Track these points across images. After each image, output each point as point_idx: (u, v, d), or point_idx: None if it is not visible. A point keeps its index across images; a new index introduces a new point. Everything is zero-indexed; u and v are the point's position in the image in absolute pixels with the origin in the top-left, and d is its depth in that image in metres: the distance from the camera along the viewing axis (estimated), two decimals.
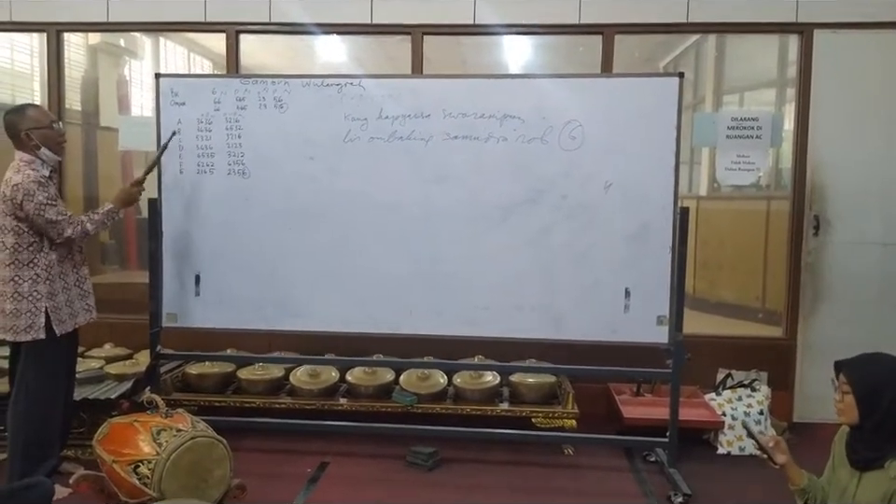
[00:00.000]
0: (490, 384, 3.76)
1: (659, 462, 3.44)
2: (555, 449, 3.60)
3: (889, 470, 1.92)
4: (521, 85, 3.35)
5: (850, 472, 2.05)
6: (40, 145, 2.90)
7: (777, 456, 2.18)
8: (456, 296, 3.37)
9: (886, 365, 2.03)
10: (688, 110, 4.34)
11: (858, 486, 2.00)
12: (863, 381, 2.01)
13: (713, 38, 4.44)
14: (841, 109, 3.98)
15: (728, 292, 4.53)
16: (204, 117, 3.41)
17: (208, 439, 2.61)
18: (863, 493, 1.98)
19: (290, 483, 3.19)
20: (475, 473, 3.36)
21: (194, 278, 3.47)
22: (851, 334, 3.89)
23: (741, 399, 3.74)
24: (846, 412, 2.04)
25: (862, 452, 2.01)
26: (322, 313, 3.44)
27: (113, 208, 3.06)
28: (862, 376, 2.02)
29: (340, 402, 3.73)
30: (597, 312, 3.31)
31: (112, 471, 2.54)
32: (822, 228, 4.04)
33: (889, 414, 1.95)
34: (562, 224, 3.30)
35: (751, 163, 3.93)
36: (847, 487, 2.04)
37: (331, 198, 3.39)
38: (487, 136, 3.30)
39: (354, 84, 3.35)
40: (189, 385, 3.89)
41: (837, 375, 2.09)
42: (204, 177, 3.43)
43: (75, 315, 3.01)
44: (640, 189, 3.24)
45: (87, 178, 4.78)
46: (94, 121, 4.83)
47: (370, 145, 3.35)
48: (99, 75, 4.81)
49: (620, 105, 3.24)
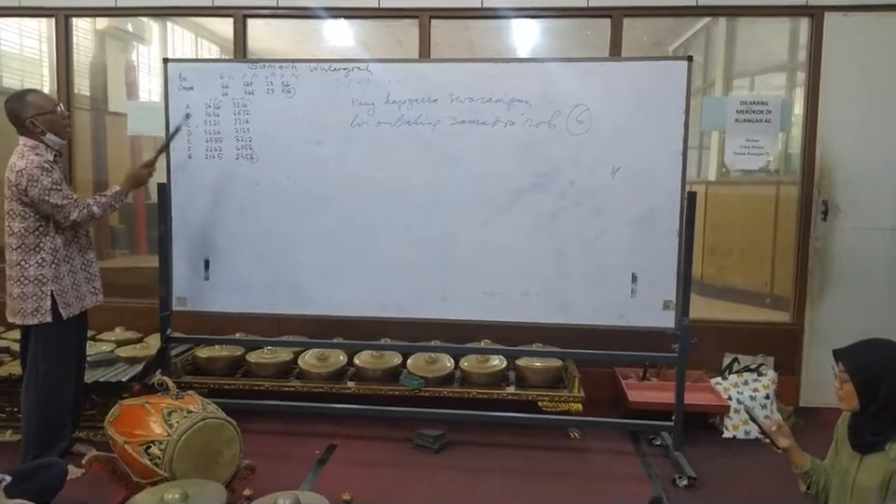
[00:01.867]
0: (497, 367, 3.78)
1: (664, 446, 3.46)
2: (561, 432, 3.62)
3: (890, 452, 1.94)
4: (528, 69, 3.34)
5: (851, 455, 2.07)
6: (46, 130, 2.91)
7: (779, 440, 2.19)
8: (464, 280, 3.39)
9: (883, 351, 2.04)
10: (698, 94, 4.31)
11: (858, 469, 2.03)
12: (862, 368, 2.02)
13: (723, 21, 4.40)
14: (851, 93, 3.94)
15: (736, 277, 4.52)
16: (212, 101, 3.42)
17: (218, 420, 2.65)
18: (863, 475, 2.01)
19: (299, 464, 3.23)
20: (482, 456, 3.38)
21: (203, 262, 3.50)
22: (859, 319, 3.88)
23: (747, 383, 3.75)
24: (846, 399, 2.06)
25: (864, 435, 2.02)
26: (330, 297, 3.46)
27: (121, 190, 3.08)
28: (861, 364, 2.03)
29: (348, 385, 3.77)
30: (604, 296, 3.31)
31: (124, 452, 2.58)
32: (831, 213, 4.02)
33: (888, 400, 1.97)
34: (569, 209, 3.29)
35: (760, 148, 3.91)
36: (848, 470, 2.06)
37: (339, 182, 3.40)
38: (495, 121, 3.30)
39: (361, 68, 3.34)
40: (199, 368, 3.92)
41: (836, 363, 2.10)
42: (213, 162, 3.44)
43: (81, 298, 3.04)
44: (648, 173, 3.23)
45: (96, 163, 4.80)
46: (103, 106, 4.85)
47: (377, 129, 3.35)
48: (107, 60, 4.83)
49: (628, 89, 3.23)
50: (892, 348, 2.04)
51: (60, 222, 2.91)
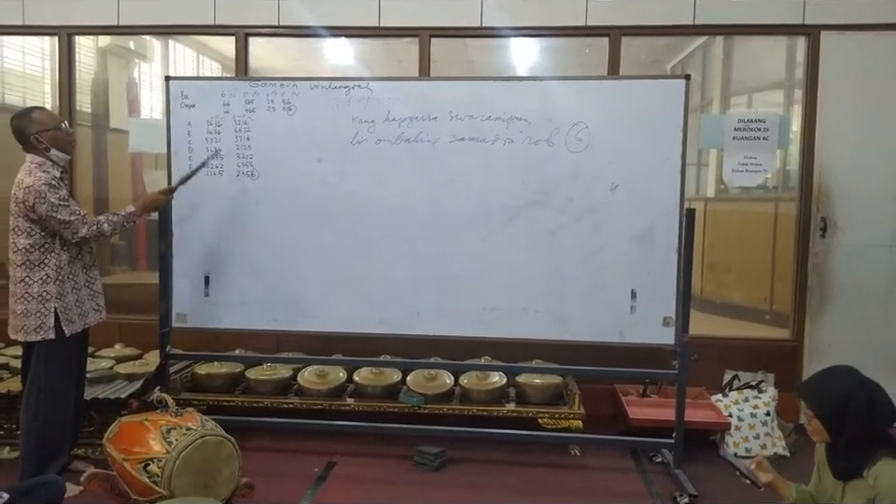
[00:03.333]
0: (496, 384, 3.77)
1: (665, 463, 3.44)
2: (562, 449, 3.61)
3: (868, 479, 1.94)
4: (527, 87, 3.37)
5: (834, 483, 2.08)
6: (50, 147, 2.93)
7: (760, 478, 2.20)
8: (463, 297, 3.39)
9: (842, 381, 2.04)
10: (695, 112, 4.34)
11: (843, 495, 2.04)
12: (824, 403, 2.02)
13: (720, 40, 4.45)
14: (848, 110, 3.97)
15: (736, 294, 4.53)
16: (214, 119, 3.44)
17: (217, 437, 2.64)
18: (849, 500, 2.02)
19: (298, 482, 3.21)
20: (482, 473, 3.37)
21: (204, 279, 3.50)
22: (858, 336, 3.89)
23: (748, 400, 3.74)
24: (816, 433, 2.07)
25: (841, 464, 2.03)
26: (330, 313, 3.47)
27: (134, 212, 3.09)
28: (821, 398, 2.03)
29: (347, 402, 3.75)
30: (604, 313, 3.31)
31: (122, 469, 2.57)
32: (829, 230, 4.03)
33: (856, 428, 1.96)
34: (568, 226, 3.31)
35: (758, 165, 3.93)
36: (834, 495, 2.07)
37: (340, 199, 3.42)
38: (494, 138, 3.32)
39: (361, 86, 3.37)
40: (198, 384, 3.91)
41: (799, 400, 2.09)
42: (214, 179, 3.45)
43: (84, 315, 3.05)
44: (647, 190, 3.25)
45: (97, 180, 4.83)
46: (104, 123, 4.88)
47: (377, 147, 3.37)
48: (109, 77, 4.87)
49: (626, 107, 3.25)
50: (850, 376, 2.04)
51: (67, 238, 2.92)
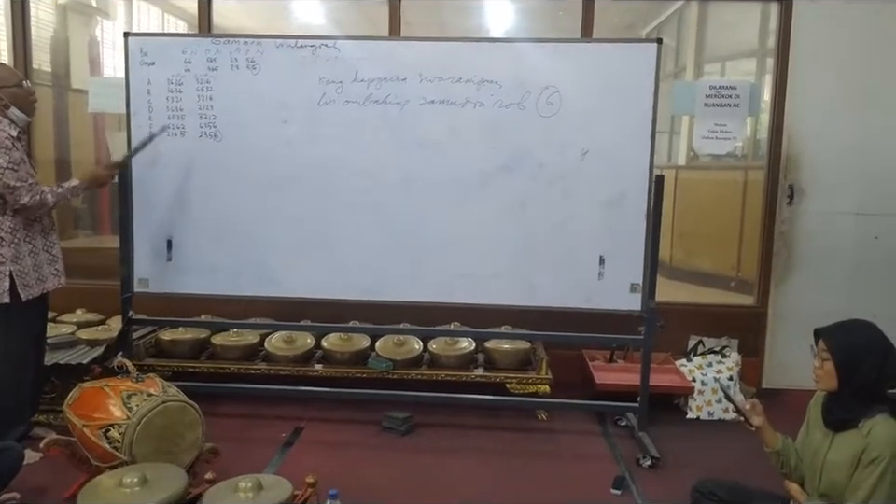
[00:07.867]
0: (465, 350, 3.78)
1: (630, 426, 3.49)
2: (529, 414, 3.64)
3: (863, 429, 1.98)
4: (499, 49, 3.32)
5: (824, 434, 2.11)
6: (10, 104, 2.82)
7: (753, 419, 2.23)
8: (433, 262, 3.37)
9: (865, 332, 2.08)
10: (669, 79, 4.31)
11: (830, 446, 2.07)
12: (843, 348, 2.05)
13: (695, 6, 4.40)
14: (818, 79, 3.97)
15: (705, 261, 4.56)
16: (175, 77, 3.33)
17: (179, 403, 2.61)
18: (834, 452, 2.05)
19: (265, 447, 3.20)
20: (449, 438, 3.39)
21: (166, 243, 3.42)
22: (822, 302, 3.95)
23: (711, 365, 3.80)
24: (824, 378, 2.08)
25: (838, 413, 2.06)
26: (298, 279, 3.42)
27: (78, 185, 3.00)
28: (842, 343, 2.06)
29: (315, 368, 3.73)
30: (572, 278, 3.32)
31: (83, 436, 2.53)
32: (797, 197, 4.07)
33: (866, 380, 2.00)
34: (539, 192, 3.29)
35: (728, 132, 3.91)
36: (820, 448, 2.11)
37: (307, 162, 3.35)
38: (464, 101, 3.26)
39: (328, 46, 3.28)
40: (163, 350, 3.86)
41: (816, 342, 2.13)
42: (175, 140, 3.36)
43: (42, 279, 2.96)
44: (617, 157, 3.23)
45: (58, 141, 4.67)
46: (65, 83, 4.70)
47: (345, 108, 3.30)
48: (69, 35, 4.68)
49: (598, 72, 3.21)
50: (873, 330, 2.08)
51: (10, 204, 2.81)
